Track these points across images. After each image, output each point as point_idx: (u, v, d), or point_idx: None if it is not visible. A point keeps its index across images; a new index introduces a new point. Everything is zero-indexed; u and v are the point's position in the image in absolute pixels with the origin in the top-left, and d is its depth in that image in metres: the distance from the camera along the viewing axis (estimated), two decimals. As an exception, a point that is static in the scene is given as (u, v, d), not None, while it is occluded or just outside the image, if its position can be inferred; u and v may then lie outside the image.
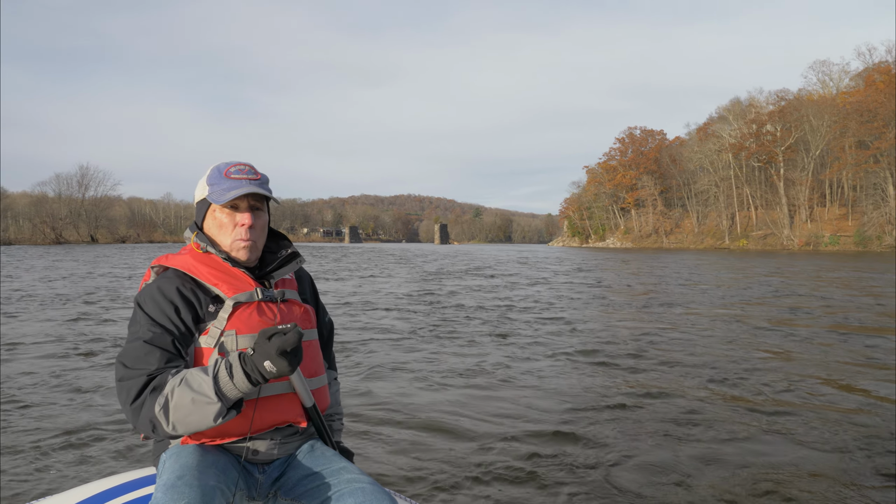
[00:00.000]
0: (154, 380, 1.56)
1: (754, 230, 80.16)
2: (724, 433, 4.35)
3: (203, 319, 1.72)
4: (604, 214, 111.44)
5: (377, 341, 8.14)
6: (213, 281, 1.75)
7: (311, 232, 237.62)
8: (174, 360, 1.63)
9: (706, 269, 28.55)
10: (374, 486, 1.65)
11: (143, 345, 1.62)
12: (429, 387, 5.70)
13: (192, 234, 1.87)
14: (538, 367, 6.61)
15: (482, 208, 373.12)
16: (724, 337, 8.63)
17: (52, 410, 4.75)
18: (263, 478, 1.76)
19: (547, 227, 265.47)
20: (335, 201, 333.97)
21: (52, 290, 15.07)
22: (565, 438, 4.22)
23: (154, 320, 1.67)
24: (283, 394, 1.74)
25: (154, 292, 1.72)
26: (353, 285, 18.53)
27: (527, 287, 17.90)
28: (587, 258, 46.36)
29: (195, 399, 1.50)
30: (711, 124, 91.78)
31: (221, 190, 1.78)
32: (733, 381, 5.90)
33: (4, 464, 3.65)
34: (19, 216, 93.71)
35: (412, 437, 4.26)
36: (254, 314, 1.74)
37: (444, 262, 37.12)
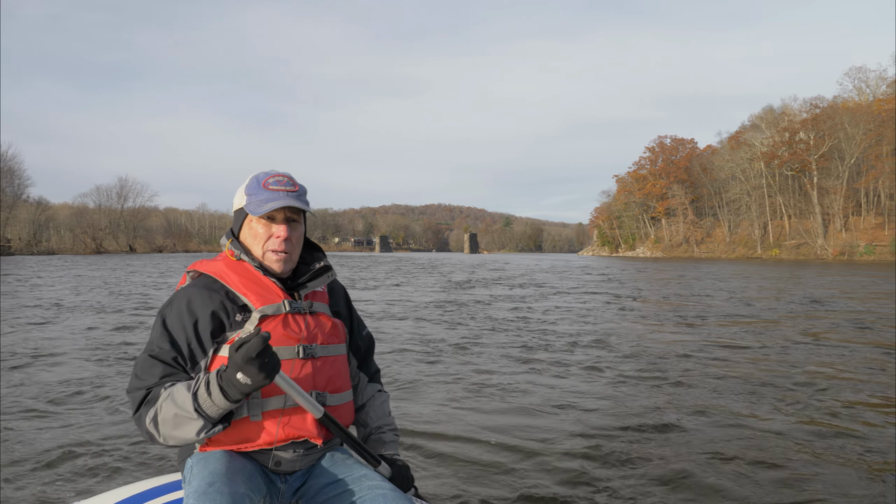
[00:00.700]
0: (151, 393, 1.63)
1: (787, 239, 78.91)
2: (772, 457, 4.05)
3: (228, 329, 1.74)
4: (634, 224, 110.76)
5: (405, 353, 8.02)
6: (242, 290, 1.76)
7: (343, 241, 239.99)
8: (175, 375, 1.66)
9: (742, 278, 27.76)
10: (395, 492, 1.65)
11: (147, 358, 1.68)
12: (459, 402, 5.52)
13: (227, 242, 1.89)
14: (572, 382, 6.34)
15: (512, 217, 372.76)
16: (768, 350, 8.19)
17: (80, 418, 4.83)
18: (286, 487, 1.77)
19: (577, 237, 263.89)
20: (366, 211, 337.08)
21: (97, 298, 15.90)
22: (601, 458, 4.02)
23: (168, 332, 1.71)
24: (301, 407, 1.74)
25: (180, 302, 1.74)
26: (378, 294, 18.68)
27: (555, 297, 17.61)
28: (617, 267, 45.95)
29: (178, 415, 1.54)
30: (743, 133, 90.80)
31: (259, 201, 1.80)
32: (780, 400, 5.55)
33: (32, 470, 3.74)
34: (61, 227, 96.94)
35: (443, 450, 4.20)
36: (279, 327, 1.75)
37: (472, 271, 37.10)
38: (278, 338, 1.73)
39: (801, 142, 78.52)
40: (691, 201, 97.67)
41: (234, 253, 1.84)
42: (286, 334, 1.74)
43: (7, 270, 32.46)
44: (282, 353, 1.70)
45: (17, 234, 79.54)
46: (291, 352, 1.74)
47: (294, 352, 1.74)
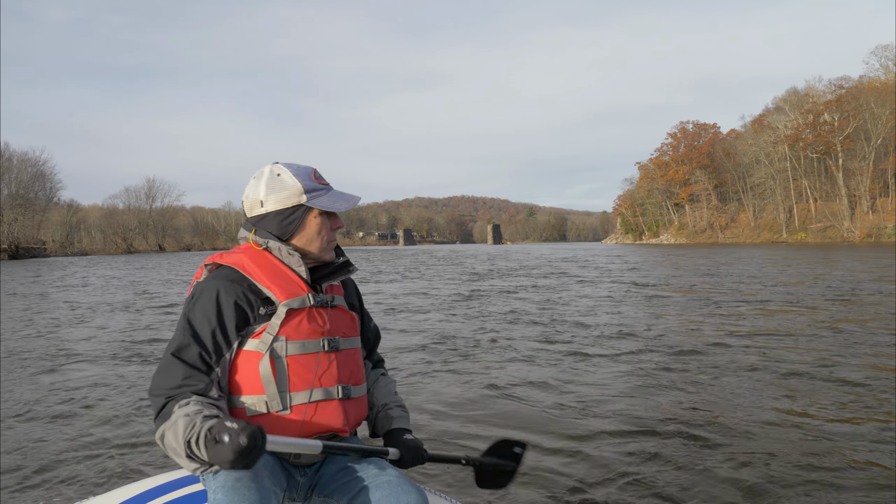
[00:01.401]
0: (168, 405, 1.60)
1: (813, 223, 77.90)
2: (816, 460, 3.70)
3: (253, 322, 1.72)
4: (657, 211, 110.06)
5: (417, 346, 7.88)
6: (266, 283, 1.74)
7: (367, 235, 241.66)
8: (195, 377, 1.63)
9: (774, 263, 26.61)
10: (400, 478, 1.67)
11: (169, 358, 1.66)
12: (477, 398, 5.29)
13: (249, 233, 1.85)
14: (596, 376, 6.01)
15: (536, 207, 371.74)
16: (812, 339, 7.63)
17: (103, 413, 4.96)
18: (304, 480, 1.79)
19: (602, 225, 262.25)
20: (389, 205, 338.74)
21: (138, 298, 16.69)
22: (624, 463, 3.73)
23: (191, 328, 1.68)
24: (328, 401, 1.76)
25: (203, 295, 1.71)
26: (398, 287, 18.69)
27: (576, 287, 17.10)
28: (641, 255, 45.06)
29: (176, 450, 1.53)
30: (767, 116, 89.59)
31: (330, 198, 1.84)
32: (824, 395, 5.10)
33: (54, 465, 3.84)
34: (92, 228, 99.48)
35: (454, 443, 4.12)
36: (304, 321, 1.75)
37: (491, 262, 37.06)
38: (305, 332, 1.75)
39: (825, 123, 77.30)
40: (715, 187, 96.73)
41: (259, 243, 1.82)
42: (312, 328, 1.76)
43: (46, 271, 33.75)
44: (308, 347, 1.74)
45: (50, 237, 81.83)
46: (317, 345, 1.76)
47: (320, 345, 1.77)
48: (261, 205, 1.82)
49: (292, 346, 1.71)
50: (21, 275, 30.31)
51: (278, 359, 1.69)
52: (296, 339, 1.72)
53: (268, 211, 1.83)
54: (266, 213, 1.83)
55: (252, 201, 1.85)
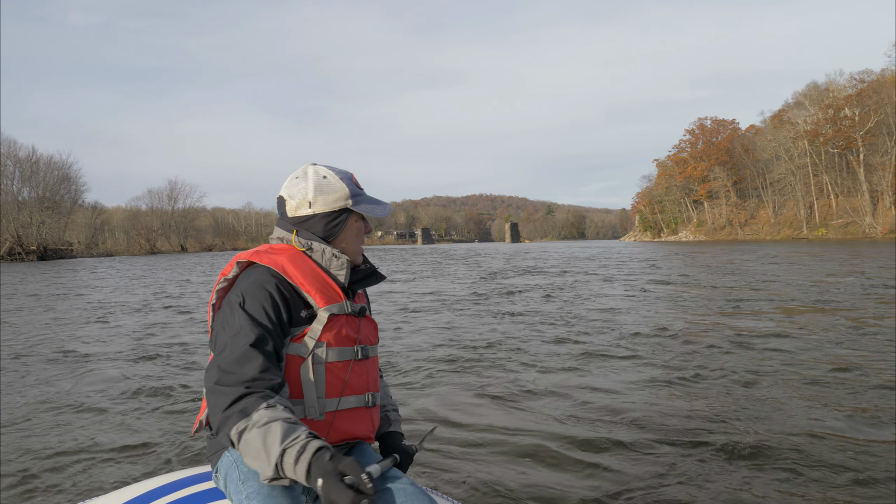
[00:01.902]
0: (248, 397, 1.52)
1: (834, 219, 77.14)
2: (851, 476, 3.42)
3: (296, 324, 1.70)
4: (676, 208, 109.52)
5: (432, 349, 7.62)
6: (306, 287, 1.72)
7: (385, 235, 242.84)
8: (271, 370, 1.58)
9: (798, 260, 25.76)
10: (414, 486, 1.66)
11: (243, 348, 1.58)
12: (488, 403, 5.09)
13: (287, 234, 1.83)
14: (612, 382, 5.66)
15: (554, 205, 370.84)
16: (847, 343, 7.07)
17: (115, 414, 4.99)
18: None
19: (621, 223, 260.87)
20: (408, 204, 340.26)
21: (153, 296, 17.37)
22: (643, 476, 3.52)
23: (255, 319, 1.62)
24: (357, 408, 1.76)
25: (254, 287, 1.66)
26: (411, 287, 18.62)
27: (593, 285, 16.72)
28: (659, 252, 44.65)
29: (259, 451, 1.45)
30: (787, 111, 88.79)
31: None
32: (860, 402, 4.72)
33: (66, 462, 3.90)
34: (115, 229, 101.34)
35: (465, 453, 3.99)
36: (343, 328, 1.74)
37: (508, 261, 37.11)
38: (343, 339, 1.74)
39: (845, 118, 76.51)
40: (734, 183, 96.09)
41: (302, 243, 1.80)
42: (349, 335, 1.75)
43: (71, 271, 34.71)
44: (344, 354, 1.73)
45: (76, 238, 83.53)
46: (352, 353, 1.75)
47: (354, 353, 1.76)
48: (309, 205, 1.81)
49: (331, 353, 1.71)
50: (50, 275, 31.21)
51: (318, 364, 1.69)
52: (335, 345, 1.72)
53: (315, 212, 1.81)
54: (313, 214, 1.81)
55: (299, 201, 1.82)
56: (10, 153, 73.49)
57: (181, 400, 5.35)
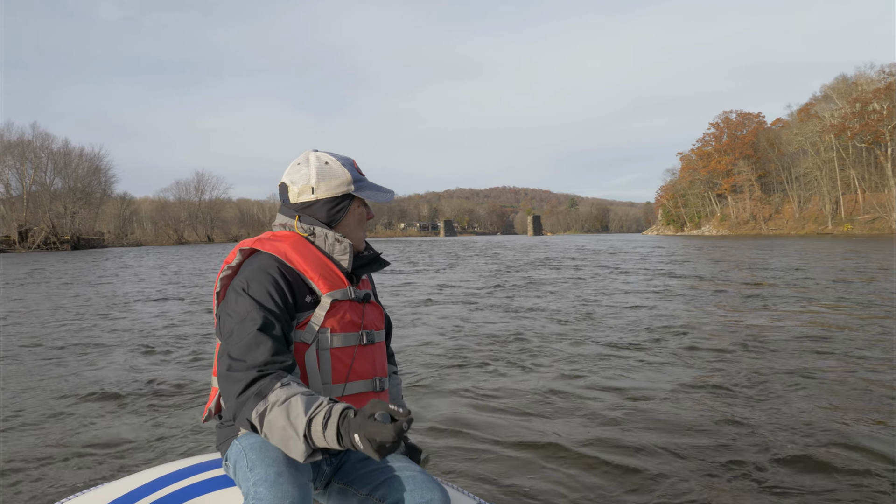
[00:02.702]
0: (261, 380, 1.51)
1: (860, 214, 76.16)
2: None
3: (300, 309, 1.69)
4: (699, 202, 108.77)
5: (443, 344, 7.45)
6: (309, 273, 1.72)
7: (408, 226, 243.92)
8: (282, 353, 1.58)
9: (829, 255, 25.18)
10: (423, 474, 1.66)
11: (252, 333, 1.57)
12: (499, 403, 4.89)
13: (290, 220, 1.83)
14: (634, 383, 5.38)
15: (578, 198, 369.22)
16: (884, 348, 6.56)
17: (128, 402, 5.04)
18: (329, 469, 1.78)
19: (645, 216, 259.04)
20: (431, 196, 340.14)
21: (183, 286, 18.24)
22: (666, 483, 3.34)
23: (261, 304, 1.62)
24: (365, 393, 1.76)
25: (258, 273, 1.66)
26: (425, 279, 18.54)
27: (607, 279, 16.42)
28: (682, 246, 44.11)
29: (286, 428, 1.45)
30: (814, 104, 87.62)
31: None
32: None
33: (80, 449, 3.95)
34: (144, 220, 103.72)
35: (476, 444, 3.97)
36: (347, 314, 1.74)
37: (525, 253, 37.10)
38: (347, 324, 1.74)
39: (873, 112, 75.37)
40: (758, 177, 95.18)
41: (304, 228, 1.81)
42: (353, 321, 1.76)
43: (109, 259, 35.93)
44: (349, 340, 1.73)
45: (106, 228, 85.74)
46: (357, 338, 1.75)
47: (359, 338, 1.76)
48: (312, 191, 1.80)
49: (336, 339, 1.71)
50: (89, 263, 32.34)
51: (323, 351, 1.69)
52: (339, 331, 1.72)
53: (318, 198, 1.81)
54: (316, 199, 1.81)
55: (302, 187, 1.81)
56: (45, 146, 75.75)
57: (192, 388, 5.45)
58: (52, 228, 67.43)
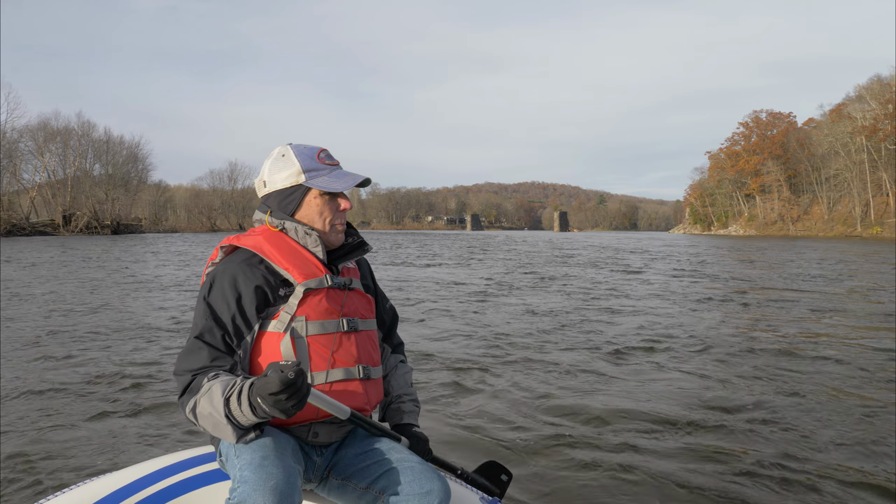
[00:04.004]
0: (195, 381, 1.59)
1: (891, 217, 75.41)
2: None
3: (272, 303, 1.72)
4: (727, 201, 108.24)
5: (452, 344, 7.15)
6: (283, 264, 1.73)
7: (436, 220, 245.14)
8: (220, 359, 1.63)
9: (866, 260, 24.17)
10: (423, 464, 1.66)
11: (194, 341, 1.65)
12: (505, 410, 4.60)
13: (264, 215, 1.84)
14: (649, 393, 5.02)
15: (607, 195, 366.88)
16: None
17: (126, 394, 4.95)
18: (321, 461, 1.78)
19: (675, 214, 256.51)
20: (459, 189, 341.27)
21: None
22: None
23: (212, 311, 1.67)
24: (348, 381, 1.76)
25: (221, 279, 1.70)
26: (426, 273, 18.45)
27: (620, 279, 15.99)
28: (708, 246, 43.57)
29: (212, 414, 1.51)
30: (847, 105, 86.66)
31: (330, 178, 1.80)
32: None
33: (73, 442, 3.88)
34: (178, 207, 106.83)
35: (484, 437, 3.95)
36: (323, 301, 1.75)
37: (544, 250, 36.72)
38: (323, 312, 1.75)
39: (906, 114, 74.44)
40: (787, 178, 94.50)
41: (275, 224, 1.82)
42: (330, 308, 1.77)
43: (150, 243, 37.61)
44: (327, 327, 1.75)
45: (142, 214, 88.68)
46: (336, 325, 1.76)
47: (339, 325, 1.77)
48: (264, 185, 1.84)
49: (312, 326, 1.72)
50: (138, 247, 34.09)
51: (299, 338, 1.70)
52: (315, 318, 1.73)
53: (270, 191, 1.84)
54: (269, 192, 1.85)
55: (258, 182, 1.88)
56: (86, 133, 78.76)
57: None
58: (93, 213, 70.22)
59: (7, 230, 55.34)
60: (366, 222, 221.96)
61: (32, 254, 26.66)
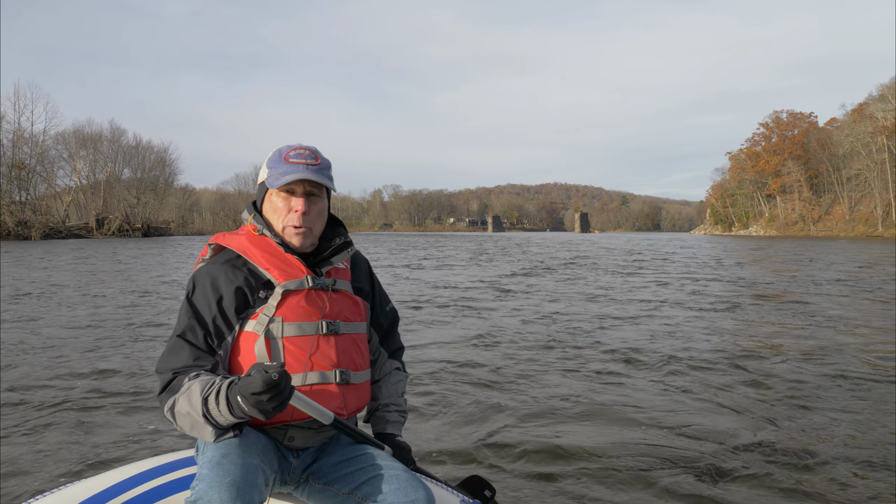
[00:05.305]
0: (175, 381, 1.60)
1: (912, 217, 75.01)
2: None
3: (252, 304, 1.73)
4: (747, 202, 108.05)
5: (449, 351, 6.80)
6: (265, 265, 1.74)
7: (457, 221, 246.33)
8: (202, 358, 1.65)
9: None
10: (408, 473, 1.65)
11: (176, 340, 1.67)
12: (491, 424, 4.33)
13: (249, 216, 1.85)
14: (661, 409, 4.63)
15: (631, 196, 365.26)
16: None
17: (109, 396, 4.88)
18: (297, 462, 1.78)
19: (699, 215, 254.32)
20: (481, 191, 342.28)
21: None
22: None
23: (194, 311, 1.70)
24: (325, 385, 1.74)
25: (203, 280, 1.73)
26: (431, 276, 18.17)
27: (624, 282, 15.48)
28: (729, 247, 43.10)
29: (190, 413, 1.51)
30: (868, 104, 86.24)
31: (278, 174, 1.76)
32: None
33: (54, 445, 3.80)
34: (203, 210, 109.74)
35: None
36: (302, 302, 1.74)
37: (556, 251, 36.59)
38: (302, 313, 1.74)
39: (927, 113, 74.02)
40: (808, 178, 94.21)
41: (256, 227, 1.82)
42: (309, 310, 1.75)
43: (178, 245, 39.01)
44: (305, 329, 1.73)
45: (170, 217, 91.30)
46: (315, 327, 1.75)
47: (318, 327, 1.75)
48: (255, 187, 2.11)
49: (289, 328, 1.71)
50: (158, 248, 35.61)
51: (274, 339, 1.70)
52: (292, 320, 1.72)
53: (256, 197, 1.90)
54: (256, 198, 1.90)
55: None
56: (115, 138, 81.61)
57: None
58: (125, 217, 72.75)
59: (45, 233, 57.89)
60: (388, 224, 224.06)
61: (72, 254, 28.01)
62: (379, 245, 47.53)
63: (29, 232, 56.05)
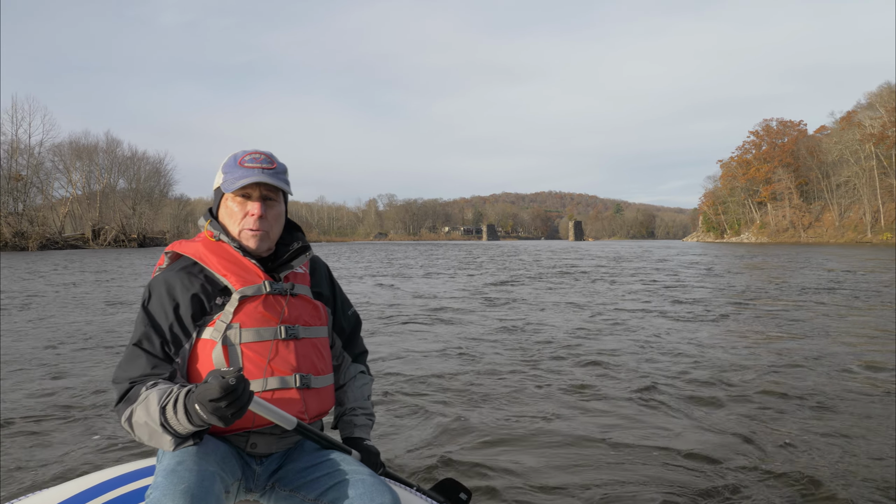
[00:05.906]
0: (132, 390, 1.57)
1: (901, 223, 76.04)
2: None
3: (209, 312, 1.72)
4: (739, 209, 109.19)
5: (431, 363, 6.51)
6: (222, 272, 1.74)
7: (452, 230, 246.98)
8: (160, 367, 1.63)
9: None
10: (374, 477, 1.64)
11: (132, 349, 1.65)
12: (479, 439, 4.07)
13: (205, 223, 1.84)
14: (651, 430, 4.29)
15: (625, 204, 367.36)
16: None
17: (75, 404, 4.83)
18: (261, 469, 1.75)
19: (693, 223, 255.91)
20: (476, 200, 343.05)
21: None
22: None
23: (151, 319, 1.68)
24: (285, 390, 1.73)
25: (159, 288, 1.72)
26: (412, 286, 18.22)
27: (610, 289, 15.47)
28: (719, 254, 43.30)
29: (148, 423, 1.49)
30: (856, 112, 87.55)
31: (233, 178, 1.75)
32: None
33: (19, 453, 3.75)
34: (198, 220, 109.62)
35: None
36: (259, 307, 1.73)
37: (540, 260, 36.41)
38: (259, 319, 1.73)
39: (914, 121, 75.18)
40: (798, 185, 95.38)
41: (212, 234, 1.81)
42: (267, 315, 1.74)
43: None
44: (263, 335, 1.72)
45: (165, 227, 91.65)
46: (273, 333, 1.74)
47: (276, 332, 1.74)
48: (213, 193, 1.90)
49: (246, 334, 1.70)
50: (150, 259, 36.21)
51: (231, 346, 1.68)
52: (250, 326, 1.71)
53: (212, 203, 1.91)
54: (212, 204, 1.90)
55: None
56: (110, 149, 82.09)
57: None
58: (121, 227, 73.14)
59: (42, 244, 58.28)
60: (383, 233, 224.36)
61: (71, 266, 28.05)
62: (359, 256, 46.88)
63: (26, 243, 56.49)
